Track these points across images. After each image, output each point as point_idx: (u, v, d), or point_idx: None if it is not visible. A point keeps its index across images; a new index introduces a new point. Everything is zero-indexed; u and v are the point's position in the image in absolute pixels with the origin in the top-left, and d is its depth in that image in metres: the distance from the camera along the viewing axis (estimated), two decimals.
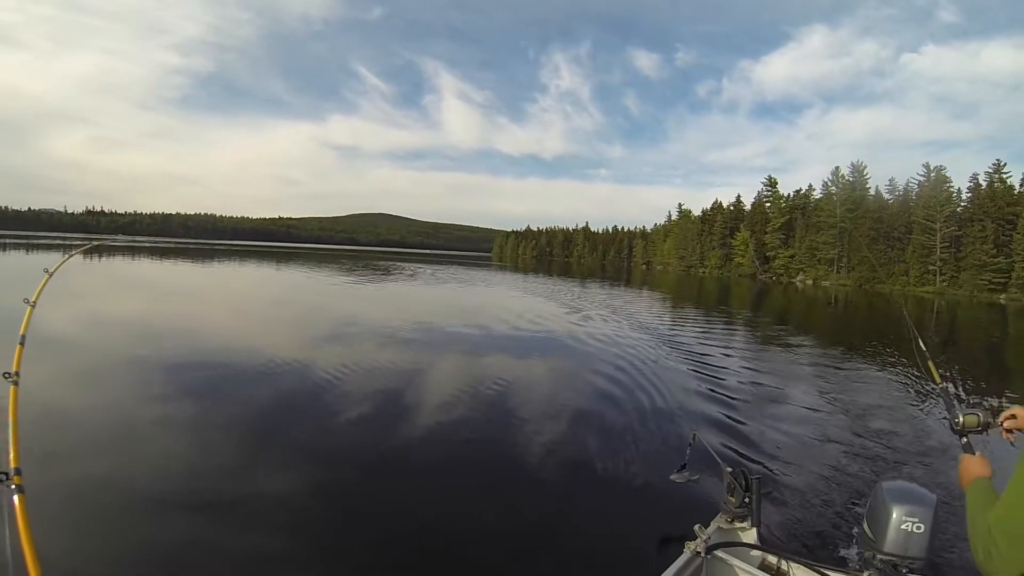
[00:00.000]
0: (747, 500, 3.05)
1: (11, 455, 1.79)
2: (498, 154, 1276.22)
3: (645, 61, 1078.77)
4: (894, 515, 2.18)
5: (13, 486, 1.63)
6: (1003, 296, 52.97)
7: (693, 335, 15.58)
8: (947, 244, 59.74)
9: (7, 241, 69.38)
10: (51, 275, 3.59)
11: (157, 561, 3.51)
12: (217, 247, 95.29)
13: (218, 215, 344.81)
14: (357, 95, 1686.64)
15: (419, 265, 57.84)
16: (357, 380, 8.20)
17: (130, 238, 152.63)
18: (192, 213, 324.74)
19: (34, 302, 3.10)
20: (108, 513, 4.04)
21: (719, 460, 3.48)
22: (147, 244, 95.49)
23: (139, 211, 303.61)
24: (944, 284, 59.11)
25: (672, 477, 3.77)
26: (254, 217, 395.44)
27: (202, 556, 3.58)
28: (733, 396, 8.54)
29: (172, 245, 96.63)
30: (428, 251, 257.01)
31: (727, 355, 12.64)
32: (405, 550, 3.83)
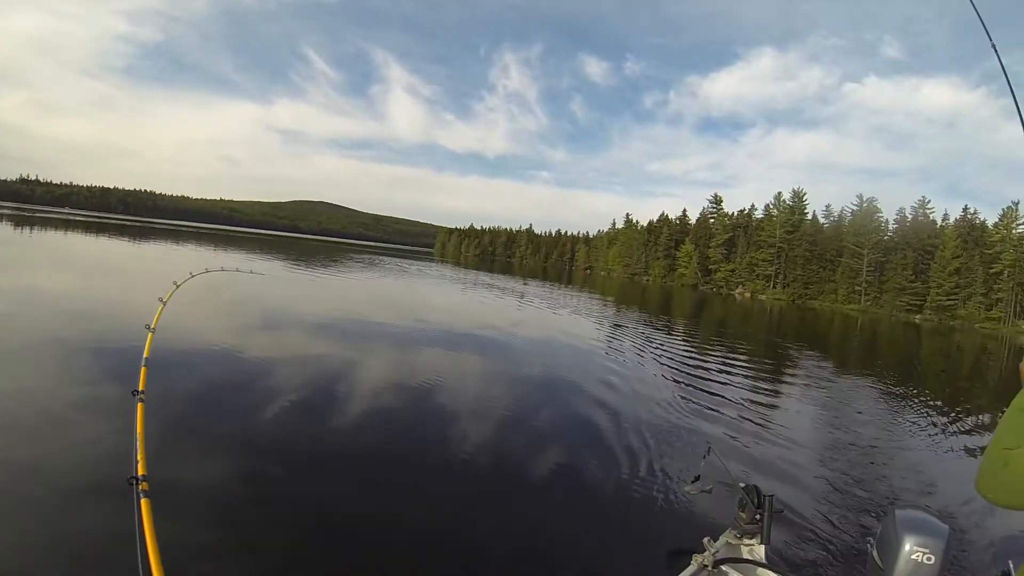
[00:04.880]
0: (758, 517, 2.94)
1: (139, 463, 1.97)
2: (442, 150, 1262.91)
3: (595, 68, 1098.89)
4: (905, 545, 2.12)
5: (140, 490, 1.81)
6: (918, 317, 58.17)
7: (659, 336, 16.21)
8: (872, 268, 64.55)
9: None
10: (164, 304, 4.35)
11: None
12: (163, 227, 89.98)
13: (158, 192, 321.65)
14: (305, 79, 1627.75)
15: (379, 257, 56.99)
16: (298, 371, 7.63)
17: (69, 211, 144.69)
18: (131, 189, 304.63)
19: (154, 327, 3.78)
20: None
21: (732, 475, 3.37)
22: (83, 218, 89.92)
23: (75, 183, 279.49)
24: (868, 303, 63.81)
25: (686, 489, 3.58)
26: (195, 197, 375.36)
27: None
28: (733, 409, 8.34)
29: (113, 221, 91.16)
30: (370, 243, 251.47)
31: (692, 358, 12.85)
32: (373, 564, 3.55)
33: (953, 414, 10.25)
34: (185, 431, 5.13)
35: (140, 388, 2.63)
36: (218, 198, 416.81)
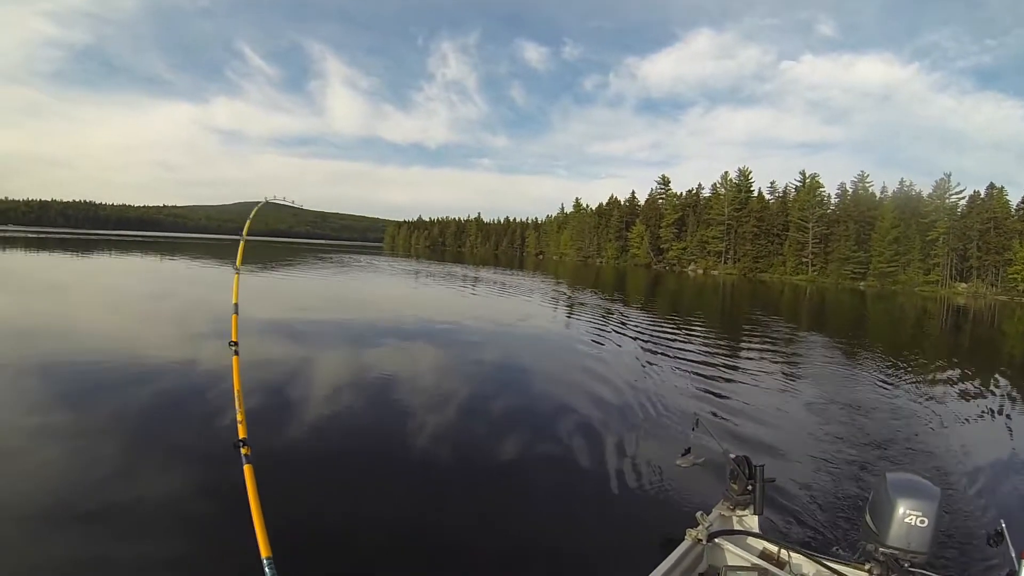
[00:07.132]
0: (750, 488, 2.91)
1: None
2: (383, 142, 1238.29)
3: (533, 53, 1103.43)
4: (898, 508, 2.10)
5: (244, 455, 1.98)
6: (862, 284, 60.15)
7: (623, 313, 16.92)
8: (818, 240, 66.16)
9: None
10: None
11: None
12: (114, 238, 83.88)
13: (99, 202, 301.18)
14: (241, 77, 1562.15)
15: (350, 256, 56.16)
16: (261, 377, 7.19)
17: (13, 228, 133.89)
18: (71, 200, 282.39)
19: (238, 271, 3.56)
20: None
21: (722, 447, 3.33)
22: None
23: (11, 197, 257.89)
24: (815, 273, 65.43)
25: (677, 462, 3.56)
26: (138, 205, 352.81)
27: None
28: (716, 380, 8.25)
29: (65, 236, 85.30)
30: (319, 241, 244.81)
31: (669, 334, 12.89)
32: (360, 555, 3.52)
33: (914, 366, 10.72)
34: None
35: (234, 339, 2.53)
36: (161, 204, 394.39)
